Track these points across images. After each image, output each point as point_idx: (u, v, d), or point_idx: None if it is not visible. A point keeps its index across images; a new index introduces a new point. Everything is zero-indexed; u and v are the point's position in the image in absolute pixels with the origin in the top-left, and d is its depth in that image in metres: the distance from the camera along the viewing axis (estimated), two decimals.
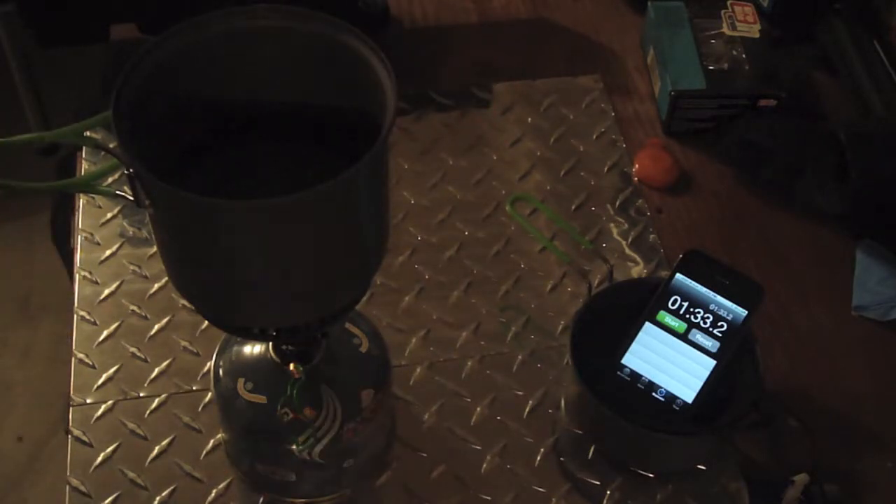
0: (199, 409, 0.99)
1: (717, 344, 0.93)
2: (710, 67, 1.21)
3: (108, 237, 1.11)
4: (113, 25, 1.24)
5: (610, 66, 1.31)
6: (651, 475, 0.96)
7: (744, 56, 1.22)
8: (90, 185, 0.99)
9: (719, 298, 0.94)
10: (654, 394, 0.93)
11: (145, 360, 1.02)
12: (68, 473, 0.94)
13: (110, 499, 0.93)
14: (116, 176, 1.10)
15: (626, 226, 1.14)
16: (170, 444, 0.96)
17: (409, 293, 1.08)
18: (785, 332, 1.06)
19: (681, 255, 0.96)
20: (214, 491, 0.94)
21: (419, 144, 1.21)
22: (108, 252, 1.10)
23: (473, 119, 1.24)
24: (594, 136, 1.22)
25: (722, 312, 0.94)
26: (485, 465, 0.96)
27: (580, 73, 1.29)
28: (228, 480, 0.94)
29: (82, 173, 1.16)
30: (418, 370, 1.02)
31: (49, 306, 2.02)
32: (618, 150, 1.21)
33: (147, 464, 0.95)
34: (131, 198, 0.67)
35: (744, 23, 1.26)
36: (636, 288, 1.01)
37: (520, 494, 0.95)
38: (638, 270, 1.10)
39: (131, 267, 1.09)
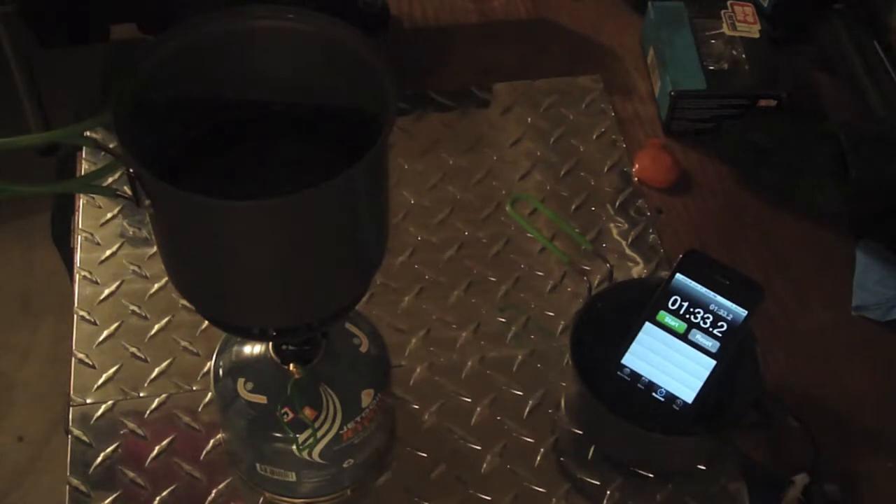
0: (199, 409, 0.99)
1: (717, 344, 0.93)
2: (710, 67, 1.21)
3: (108, 237, 1.11)
4: (113, 25, 1.24)
5: (610, 66, 1.31)
6: (651, 475, 0.96)
7: (744, 56, 1.22)
8: (90, 185, 0.99)
9: (719, 298, 0.94)
10: (654, 394, 0.93)
11: (145, 360, 1.02)
12: (68, 473, 0.94)
13: (110, 499, 0.93)
14: (116, 176, 1.10)
15: (626, 226, 1.14)
16: (170, 444, 0.96)
17: (409, 293, 1.08)
18: (785, 332, 1.06)
19: (681, 255, 0.96)
20: (214, 491, 0.94)
21: (419, 144, 1.21)
22: (108, 252, 1.10)
23: (473, 119, 1.24)
24: (594, 136, 1.22)
25: (722, 312, 0.94)
26: (485, 465, 0.96)
27: (580, 73, 1.29)
28: (228, 480, 0.94)
29: (82, 173, 1.16)
30: (418, 370, 1.02)
31: (49, 306, 2.02)
32: (618, 150, 1.21)
33: (147, 464, 0.95)
34: (131, 198, 0.67)
35: (744, 23, 1.26)
36: (636, 288, 1.01)
37: (520, 494, 0.95)
38: (638, 270, 1.10)
39: (131, 267, 1.09)
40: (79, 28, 1.24)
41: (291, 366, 0.84)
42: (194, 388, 1.00)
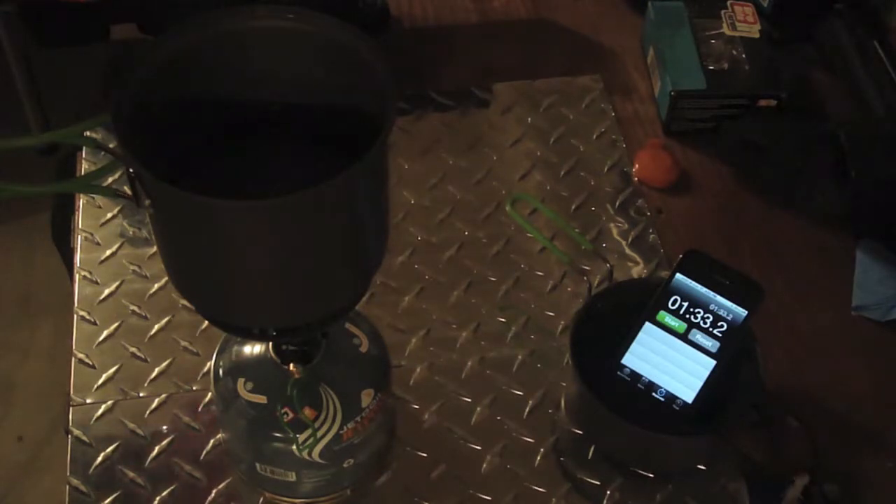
0: (199, 409, 0.99)
1: (717, 344, 0.93)
2: (710, 67, 1.21)
3: (108, 237, 1.11)
4: (113, 25, 1.24)
5: (610, 66, 1.31)
6: (651, 475, 0.96)
7: (744, 56, 1.22)
8: (90, 185, 0.99)
9: (719, 298, 0.94)
10: (654, 394, 0.93)
11: (145, 360, 1.02)
12: (68, 473, 0.94)
13: (110, 499, 0.93)
14: (116, 176, 1.10)
15: (626, 226, 1.14)
16: (170, 444, 0.96)
17: (409, 293, 1.08)
18: (785, 332, 1.06)
19: (681, 255, 0.96)
20: (214, 491, 0.94)
21: (419, 144, 1.21)
22: (108, 252, 1.10)
23: (473, 119, 1.24)
24: (594, 136, 1.22)
25: (722, 312, 0.94)
26: (485, 465, 0.96)
27: (580, 73, 1.29)
28: (228, 480, 0.94)
29: (82, 173, 1.16)
30: (418, 370, 1.02)
31: (49, 306, 2.02)
32: (618, 150, 1.21)
33: (147, 464, 0.95)
34: (131, 198, 0.67)
35: (744, 23, 1.26)
36: (636, 288, 1.01)
37: (520, 494, 0.95)
38: (638, 270, 1.10)
39: (131, 267, 1.09)
40: (79, 28, 1.24)
41: (291, 366, 0.84)
42: (194, 388, 1.00)
